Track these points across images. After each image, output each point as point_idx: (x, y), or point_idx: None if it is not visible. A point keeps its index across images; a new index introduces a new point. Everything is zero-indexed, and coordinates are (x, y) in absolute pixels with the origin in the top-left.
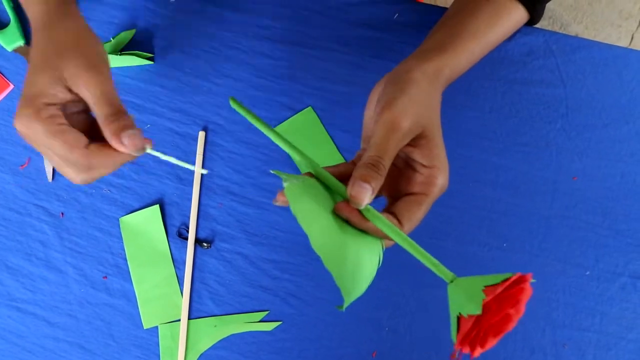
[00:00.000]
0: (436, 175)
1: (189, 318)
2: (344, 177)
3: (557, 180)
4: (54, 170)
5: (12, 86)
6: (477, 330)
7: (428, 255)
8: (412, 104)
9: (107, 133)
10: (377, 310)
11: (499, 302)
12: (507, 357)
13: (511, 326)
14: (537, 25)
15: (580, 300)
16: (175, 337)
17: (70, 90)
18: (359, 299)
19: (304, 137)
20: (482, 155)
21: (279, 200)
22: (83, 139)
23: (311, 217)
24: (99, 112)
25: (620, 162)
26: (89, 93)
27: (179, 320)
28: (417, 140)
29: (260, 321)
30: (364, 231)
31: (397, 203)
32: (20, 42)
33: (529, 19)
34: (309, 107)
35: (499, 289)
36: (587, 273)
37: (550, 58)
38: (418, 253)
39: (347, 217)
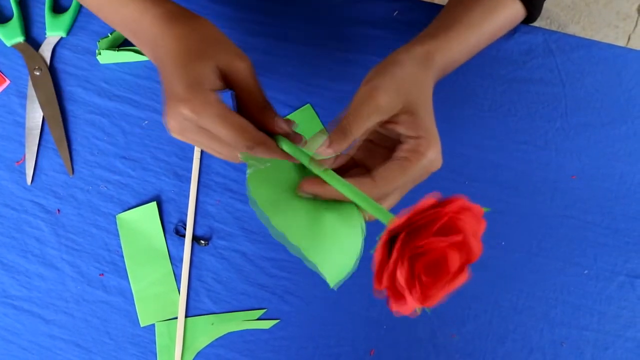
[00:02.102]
0: (423, 144)
1: (186, 316)
2: None
3: (556, 179)
4: (34, 173)
5: (8, 82)
6: (397, 258)
7: (371, 200)
8: (392, 81)
9: (258, 118)
10: (375, 308)
11: (422, 221)
12: (506, 355)
13: (453, 259)
14: (536, 25)
15: (578, 298)
16: (172, 335)
17: (220, 80)
18: (356, 297)
19: (302, 134)
20: (480, 153)
21: None
22: (253, 127)
23: (271, 207)
24: (253, 99)
25: (619, 161)
26: (242, 81)
27: (176, 318)
28: (399, 117)
29: (257, 319)
30: (335, 205)
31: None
32: (20, 39)
33: (526, 15)
34: (308, 105)
35: (418, 208)
36: (586, 272)
37: (550, 57)
38: (359, 198)
39: (309, 190)
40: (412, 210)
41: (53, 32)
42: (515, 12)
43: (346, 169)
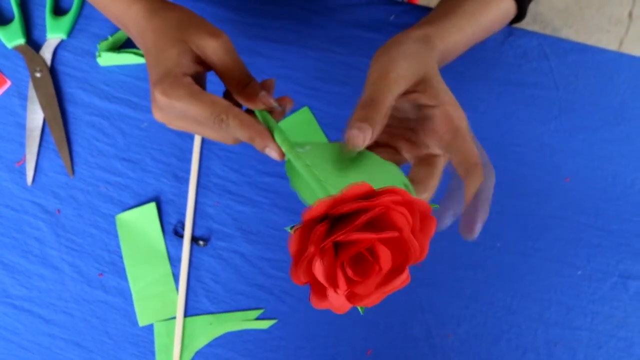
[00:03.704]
0: (449, 109)
1: (185, 316)
2: None
3: (550, 181)
4: (34, 174)
5: (9, 83)
6: (315, 252)
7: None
8: (402, 55)
9: (241, 96)
10: (372, 309)
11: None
12: (500, 355)
13: (384, 257)
14: (530, 29)
15: (572, 299)
16: (170, 334)
17: (197, 62)
18: None
19: (300, 137)
20: None
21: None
22: (224, 101)
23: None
24: (230, 75)
25: (612, 163)
26: (218, 59)
27: (175, 317)
28: (418, 86)
29: (255, 319)
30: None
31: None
32: (21, 41)
33: (517, 13)
34: (305, 107)
35: (344, 197)
36: (579, 273)
37: (544, 61)
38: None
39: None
40: (335, 198)
41: (54, 34)
42: (506, 8)
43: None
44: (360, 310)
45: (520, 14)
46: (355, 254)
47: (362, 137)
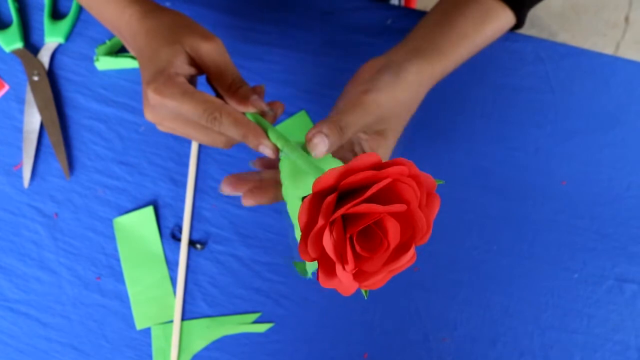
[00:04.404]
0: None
1: (182, 319)
2: None
3: (546, 185)
4: (31, 177)
5: (7, 87)
6: (325, 224)
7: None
8: (395, 103)
9: (233, 99)
10: (368, 312)
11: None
12: (497, 358)
13: (392, 231)
14: (526, 33)
15: (568, 302)
16: (168, 338)
17: (190, 65)
18: (350, 301)
19: (297, 140)
20: (472, 159)
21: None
22: (218, 99)
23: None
24: (223, 78)
25: (607, 167)
26: (212, 61)
27: (172, 321)
28: (371, 134)
29: (252, 323)
30: None
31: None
32: (19, 44)
33: (515, 23)
34: (303, 111)
35: (352, 167)
36: (575, 276)
37: (540, 65)
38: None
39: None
40: (345, 169)
41: (52, 38)
42: (506, 19)
43: None
44: (364, 293)
45: (518, 23)
46: (363, 227)
47: (321, 139)
